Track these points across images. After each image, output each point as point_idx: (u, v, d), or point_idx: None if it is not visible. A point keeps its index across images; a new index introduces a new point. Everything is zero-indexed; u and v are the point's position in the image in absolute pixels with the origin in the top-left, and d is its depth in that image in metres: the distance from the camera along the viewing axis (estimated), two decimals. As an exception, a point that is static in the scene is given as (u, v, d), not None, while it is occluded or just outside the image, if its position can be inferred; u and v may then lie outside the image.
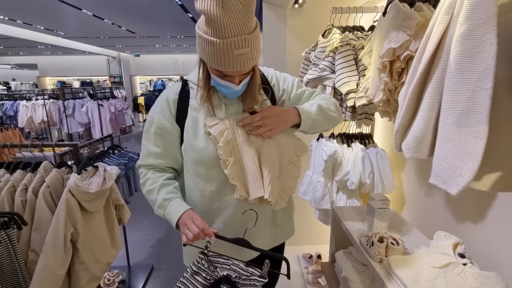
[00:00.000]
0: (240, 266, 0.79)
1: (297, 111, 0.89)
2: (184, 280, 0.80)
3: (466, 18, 0.51)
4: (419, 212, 1.38)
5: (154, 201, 0.89)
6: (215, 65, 0.75)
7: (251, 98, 0.88)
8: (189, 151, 0.90)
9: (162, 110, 0.91)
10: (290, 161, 0.93)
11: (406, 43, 0.84)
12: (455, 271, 0.79)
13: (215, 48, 0.71)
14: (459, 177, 0.52)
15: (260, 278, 0.76)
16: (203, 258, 0.79)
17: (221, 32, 0.69)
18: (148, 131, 0.92)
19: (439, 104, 0.56)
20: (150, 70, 11.82)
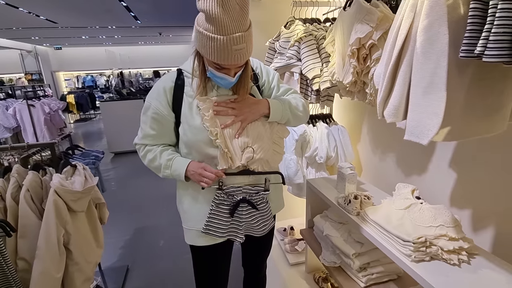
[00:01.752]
0: (248, 188, 1.00)
1: (268, 104, 1.01)
2: (212, 212, 1.00)
3: (426, 15, 0.70)
4: (375, 174, 1.67)
5: (159, 165, 1.01)
6: (215, 59, 0.84)
7: (244, 88, 0.97)
8: (188, 132, 0.97)
9: (159, 97, 0.98)
10: (273, 142, 1.06)
11: (370, 34, 1.03)
12: (415, 209, 1.04)
13: (216, 43, 0.80)
14: (428, 131, 0.72)
15: (265, 192, 1.01)
16: (221, 192, 0.98)
17: (222, 30, 0.78)
18: (145, 114, 1.00)
19: (409, 79, 0.75)
20: (76, 64, 10.51)
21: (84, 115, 9.48)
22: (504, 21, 0.57)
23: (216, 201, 0.99)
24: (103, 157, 1.91)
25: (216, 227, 1.01)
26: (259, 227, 1.05)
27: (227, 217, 1.00)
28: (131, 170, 4.43)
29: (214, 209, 1.00)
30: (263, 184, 1.02)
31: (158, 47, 11.62)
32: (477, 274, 0.84)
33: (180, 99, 0.98)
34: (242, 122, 0.96)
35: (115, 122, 5.00)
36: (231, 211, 0.99)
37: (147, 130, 1.01)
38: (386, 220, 1.05)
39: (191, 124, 0.96)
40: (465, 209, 1.13)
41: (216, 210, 1.00)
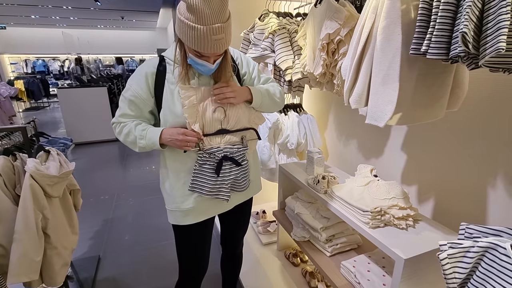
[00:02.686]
0: (229, 147, 1.04)
1: (249, 90, 1.08)
2: (196, 171, 1.04)
3: (385, 17, 0.83)
4: (340, 158, 1.85)
5: (134, 138, 1.03)
6: (196, 47, 0.89)
7: (225, 75, 1.04)
8: (169, 117, 1.02)
9: (139, 82, 1.02)
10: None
11: (338, 30, 1.15)
12: (373, 185, 1.21)
13: (196, 32, 0.85)
14: (384, 115, 0.86)
15: (244, 148, 1.07)
16: (202, 152, 1.02)
17: (202, 20, 0.83)
18: (124, 95, 1.04)
19: (370, 71, 0.88)
20: (25, 47, 9.49)
21: (36, 103, 8.69)
22: (442, 25, 0.71)
23: (200, 162, 1.03)
24: (71, 144, 1.84)
25: (201, 185, 1.04)
26: (242, 182, 1.11)
27: (212, 175, 1.03)
28: (94, 161, 4.23)
29: (197, 169, 1.04)
30: (241, 141, 1.08)
31: (121, 32, 10.94)
32: (420, 235, 1.02)
33: (162, 85, 1.02)
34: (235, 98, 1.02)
35: (75, 111, 4.70)
36: (216, 170, 1.03)
37: (126, 110, 1.04)
38: (349, 196, 1.21)
39: (172, 110, 1.00)
40: (412, 184, 1.34)
41: (199, 170, 1.04)
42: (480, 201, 1.06)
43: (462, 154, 1.10)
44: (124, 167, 4.00)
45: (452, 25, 0.72)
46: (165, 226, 2.49)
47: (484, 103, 1.01)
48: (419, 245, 0.95)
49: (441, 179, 1.20)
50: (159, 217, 2.68)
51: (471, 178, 1.08)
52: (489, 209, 1.04)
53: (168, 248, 2.22)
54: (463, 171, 1.11)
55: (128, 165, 4.08)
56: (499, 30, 0.60)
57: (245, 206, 1.29)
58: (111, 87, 5.18)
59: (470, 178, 1.09)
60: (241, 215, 1.33)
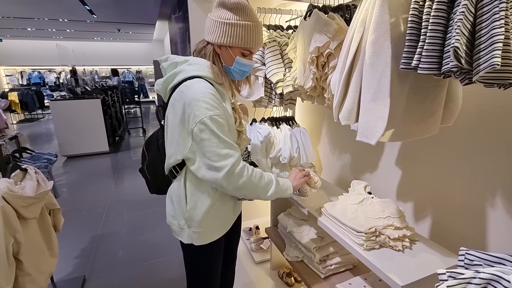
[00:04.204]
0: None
1: None
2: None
3: (373, 30, 0.79)
4: (333, 173, 1.80)
5: (268, 181, 1.01)
6: (249, 44, 0.96)
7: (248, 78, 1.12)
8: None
9: (216, 103, 0.91)
10: None
11: (327, 43, 1.12)
12: (367, 203, 1.15)
13: (249, 29, 0.94)
14: (375, 132, 0.81)
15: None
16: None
17: (251, 17, 0.94)
18: (214, 131, 0.88)
19: (360, 87, 0.84)
20: (20, 59, 9.49)
21: (29, 115, 8.62)
22: (433, 39, 0.68)
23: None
24: (56, 160, 1.77)
25: None
26: None
27: None
28: (86, 175, 4.14)
29: None
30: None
31: (117, 44, 11.00)
32: (417, 257, 0.96)
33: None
34: None
35: (68, 123, 4.64)
36: None
37: (229, 144, 0.90)
38: (342, 214, 1.15)
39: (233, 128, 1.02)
40: (408, 201, 1.28)
41: None
42: (479, 220, 1.00)
43: (459, 170, 1.06)
44: (117, 180, 3.92)
45: (443, 39, 0.69)
46: (158, 241, 2.40)
47: (480, 118, 0.97)
48: (416, 270, 0.89)
49: (438, 196, 1.15)
50: (151, 232, 2.59)
51: (469, 196, 1.03)
52: (489, 229, 0.98)
53: (161, 266, 2.13)
54: (460, 189, 1.06)
55: (121, 178, 3.99)
56: (493, 44, 0.57)
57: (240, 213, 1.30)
58: (105, 99, 5.14)
59: (468, 196, 1.04)
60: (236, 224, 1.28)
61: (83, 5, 5.68)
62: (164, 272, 2.06)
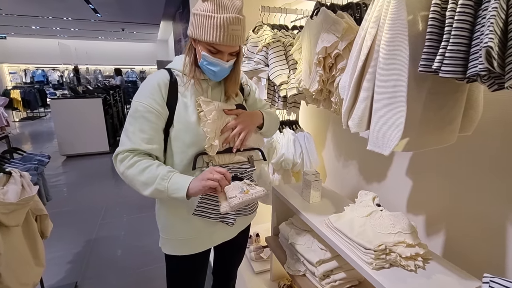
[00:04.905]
0: (237, 167, 1.00)
1: (262, 116, 1.09)
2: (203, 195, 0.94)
3: (389, 29, 0.71)
4: (339, 181, 1.71)
5: (155, 175, 0.86)
6: (212, 38, 0.84)
7: (234, 83, 1.00)
8: (182, 133, 0.92)
9: (152, 94, 0.91)
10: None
11: (335, 43, 1.04)
12: (376, 216, 1.07)
13: (214, 21, 0.82)
14: (389, 142, 0.73)
15: (252, 168, 1.03)
16: None
17: (221, 8, 0.82)
18: (134, 116, 0.90)
19: (373, 91, 0.76)
20: (24, 57, 9.48)
21: (32, 113, 8.61)
22: (458, 39, 0.60)
23: None
24: (48, 161, 1.69)
25: (208, 208, 0.97)
26: (249, 206, 1.08)
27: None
28: (85, 175, 4.08)
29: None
30: (248, 162, 1.04)
31: (120, 44, 11.00)
32: (432, 279, 0.88)
33: (175, 98, 0.94)
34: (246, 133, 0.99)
35: (67, 122, 4.59)
36: None
37: (137, 134, 0.88)
38: (349, 228, 1.06)
39: (188, 125, 0.92)
40: (419, 214, 1.19)
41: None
42: (499, 239, 0.91)
43: (477, 184, 0.97)
44: (116, 181, 3.85)
45: (470, 39, 0.61)
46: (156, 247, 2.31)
47: (503, 127, 0.89)
48: (431, 294, 0.80)
49: (453, 211, 1.06)
50: (149, 237, 2.51)
51: (488, 211, 0.94)
52: (510, 249, 0.89)
53: (158, 272, 2.05)
54: (478, 203, 0.97)
55: (120, 179, 3.92)
56: (535, 45, 0.48)
57: (244, 232, 1.20)
58: (106, 98, 5.09)
59: (486, 212, 0.95)
60: (238, 243, 1.20)
61: (87, 3, 5.66)
62: (160, 280, 1.98)
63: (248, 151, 1.05)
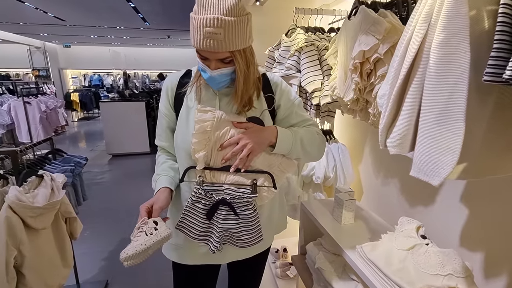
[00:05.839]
0: (232, 189, 0.86)
1: (276, 132, 0.87)
2: (187, 209, 0.87)
3: (443, 27, 0.57)
4: (376, 200, 1.52)
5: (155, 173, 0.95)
6: (192, 42, 0.77)
7: (236, 95, 0.85)
8: (179, 139, 0.90)
9: (162, 96, 0.94)
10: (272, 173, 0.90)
11: (375, 47, 0.90)
12: (420, 251, 0.89)
13: (192, 23, 0.75)
14: (440, 169, 0.58)
15: (252, 195, 0.85)
16: (199, 188, 0.86)
17: (201, 9, 0.73)
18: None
19: (419, 104, 0.62)
20: (84, 63, 10.54)
21: (87, 113, 9.48)
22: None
23: (194, 198, 0.86)
24: (85, 163, 1.79)
25: (189, 225, 0.88)
26: (241, 238, 0.88)
27: (203, 218, 0.87)
28: (127, 174, 4.32)
29: (189, 206, 0.87)
30: (250, 186, 0.86)
31: (166, 50, 11.65)
32: None
33: (181, 101, 0.91)
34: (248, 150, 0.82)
35: (114, 124, 4.93)
36: (208, 214, 0.86)
37: (157, 131, 0.98)
38: (385, 261, 0.91)
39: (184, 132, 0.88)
40: (476, 252, 0.98)
41: (191, 208, 0.87)
42: None
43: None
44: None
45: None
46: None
47: None
48: None
49: (524, 252, 0.84)
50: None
51: None
52: None
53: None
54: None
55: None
56: None
57: (259, 257, 1.07)
58: (149, 102, 5.37)
59: None
60: (253, 266, 1.11)
61: (136, 13, 6.06)
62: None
63: (254, 174, 0.87)
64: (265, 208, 0.97)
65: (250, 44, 0.82)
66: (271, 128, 0.89)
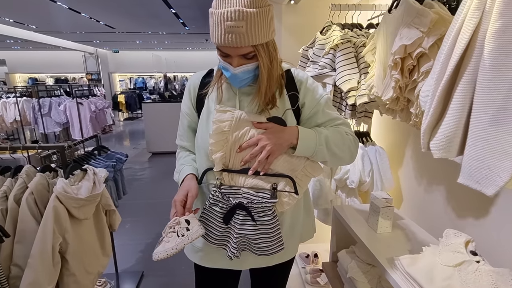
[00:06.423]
0: (251, 193, 0.83)
1: (297, 133, 0.81)
2: (205, 211, 0.87)
3: (500, 14, 0.49)
4: (418, 209, 1.40)
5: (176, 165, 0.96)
6: (212, 38, 0.74)
7: (259, 93, 0.80)
8: (199, 139, 0.89)
9: (185, 96, 0.94)
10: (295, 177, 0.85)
11: (419, 40, 0.82)
12: (470, 269, 0.79)
13: (212, 18, 0.71)
14: (496, 177, 0.50)
15: (272, 200, 0.81)
16: (216, 190, 0.84)
17: (219, 3, 0.69)
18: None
19: (470, 102, 0.55)
20: (130, 67, 11.39)
21: (132, 114, 10.18)
22: None
23: (211, 200, 0.85)
24: (126, 159, 1.90)
25: (207, 229, 0.86)
26: (259, 245, 0.83)
27: (220, 221, 0.84)
28: (165, 171, 4.54)
29: (207, 209, 0.86)
30: (269, 191, 0.82)
31: (203, 53, 12.07)
32: None
33: (203, 101, 0.89)
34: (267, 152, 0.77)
35: (154, 123, 5.21)
36: (225, 218, 0.83)
37: (178, 131, 0.98)
38: (427, 277, 0.82)
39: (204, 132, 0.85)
40: (542, 275, 0.84)
41: (208, 210, 0.86)
42: None
43: None
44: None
45: None
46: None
47: None
48: None
49: None
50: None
51: None
52: None
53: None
54: None
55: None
56: None
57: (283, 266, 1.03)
58: (187, 103, 5.60)
59: None
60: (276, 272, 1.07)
61: (177, 18, 6.37)
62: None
63: (275, 178, 0.82)
64: (287, 215, 0.90)
65: (272, 37, 0.77)
66: (292, 128, 0.82)
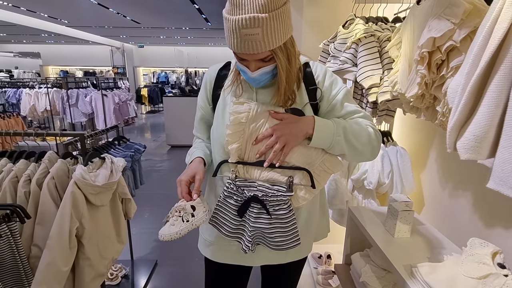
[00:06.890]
0: (266, 186, 0.81)
1: (313, 123, 0.77)
2: (220, 204, 0.86)
3: (548, -2, 0.43)
4: (441, 215, 1.32)
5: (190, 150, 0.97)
6: (229, 45, 0.71)
7: (278, 92, 0.78)
8: (214, 132, 0.89)
9: (201, 88, 0.94)
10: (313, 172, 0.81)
11: (450, 33, 0.76)
12: (496, 283, 0.73)
13: (226, 25, 0.69)
14: (532, 183, 0.45)
15: (287, 193, 0.79)
16: (231, 183, 0.83)
17: (234, 9, 0.66)
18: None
19: (506, 99, 0.49)
20: (153, 61, 11.69)
21: (154, 107, 10.45)
22: None
23: (225, 193, 0.84)
24: (144, 150, 1.95)
25: (222, 221, 0.86)
26: (275, 240, 0.81)
27: (234, 214, 0.83)
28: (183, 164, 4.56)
29: (221, 201, 0.85)
30: (285, 184, 0.79)
31: (225, 49, 12.15)
32: None
33: (218, 94, 0.89)
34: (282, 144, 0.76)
35: (174, 117, 5.31)
36: (239, 211, 0.82)
37: (196, 118, 0.99)
38: (447, 288, 0.77)
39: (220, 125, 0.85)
40: None
41: (223, 203, 0.85)
42: None
43: None
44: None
45: None
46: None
47: None
48: None
49: None
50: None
51: None
52: None
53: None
54: None
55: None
56: None
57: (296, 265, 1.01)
58: (206, 97, 5.66)
59: None
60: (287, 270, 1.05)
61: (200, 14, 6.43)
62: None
63: (291, 171, 0.80)
64: (303, 211, 0.89)
65: (290, 35, 0.74)
66: (308, 118, 0.78)
